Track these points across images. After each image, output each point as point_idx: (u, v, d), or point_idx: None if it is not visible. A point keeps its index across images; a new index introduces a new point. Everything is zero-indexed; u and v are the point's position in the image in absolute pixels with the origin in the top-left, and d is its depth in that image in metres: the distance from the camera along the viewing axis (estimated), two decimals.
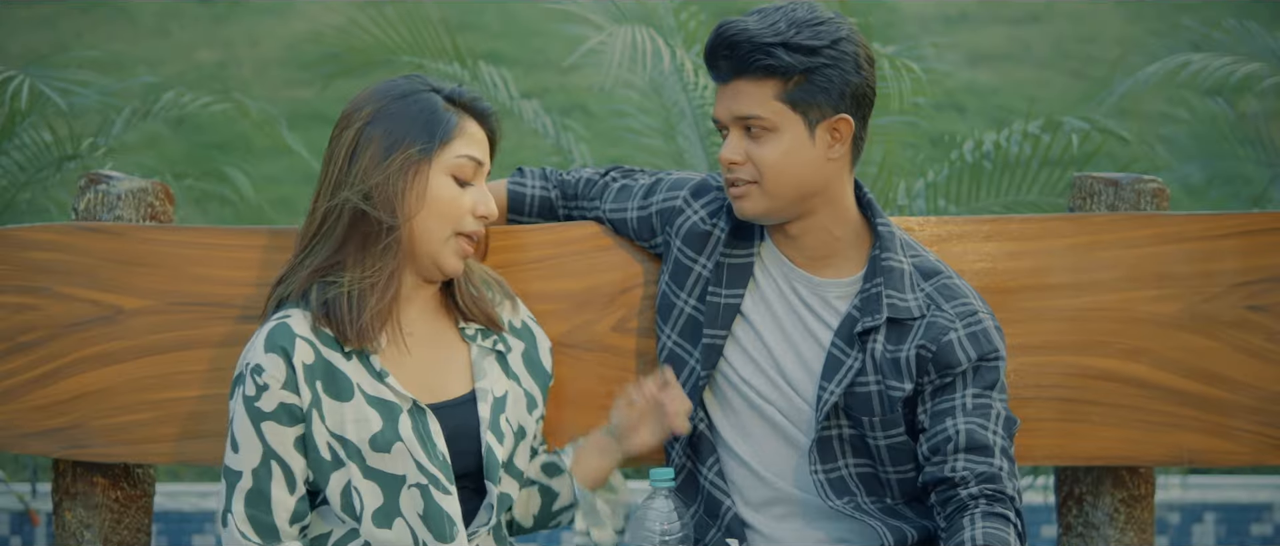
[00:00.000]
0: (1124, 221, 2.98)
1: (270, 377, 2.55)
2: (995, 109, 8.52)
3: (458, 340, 2.70)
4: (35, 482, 5.59)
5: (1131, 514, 3.06)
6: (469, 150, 2.62)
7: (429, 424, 2.60)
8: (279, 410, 2.55)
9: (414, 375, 2.64)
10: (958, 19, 9.52)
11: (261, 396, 2.55)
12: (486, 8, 9.34)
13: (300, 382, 2.55)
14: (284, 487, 2.56)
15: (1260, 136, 5.57)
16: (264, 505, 2.56)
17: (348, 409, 2.57)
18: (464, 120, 2.63)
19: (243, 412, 2.56)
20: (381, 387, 2.59)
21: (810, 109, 2.67)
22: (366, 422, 2.56)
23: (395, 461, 2.57)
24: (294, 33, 8.95)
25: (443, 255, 2.62)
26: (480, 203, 2.63)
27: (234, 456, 2.57)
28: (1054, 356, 2.96)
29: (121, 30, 9.08)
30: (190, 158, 7.72)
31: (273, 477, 2.56)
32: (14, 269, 2.91)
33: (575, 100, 8.32)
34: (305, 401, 2.56)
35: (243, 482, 2.56)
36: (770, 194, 2.69)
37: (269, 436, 2.56)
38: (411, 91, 2.62)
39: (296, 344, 2.56)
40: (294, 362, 2.55)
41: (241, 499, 2.56)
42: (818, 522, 2.79)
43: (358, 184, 2.58)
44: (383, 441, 2.56)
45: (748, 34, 2.64)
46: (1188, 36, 5.71)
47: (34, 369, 2.91)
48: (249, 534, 2.55)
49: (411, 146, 2.59)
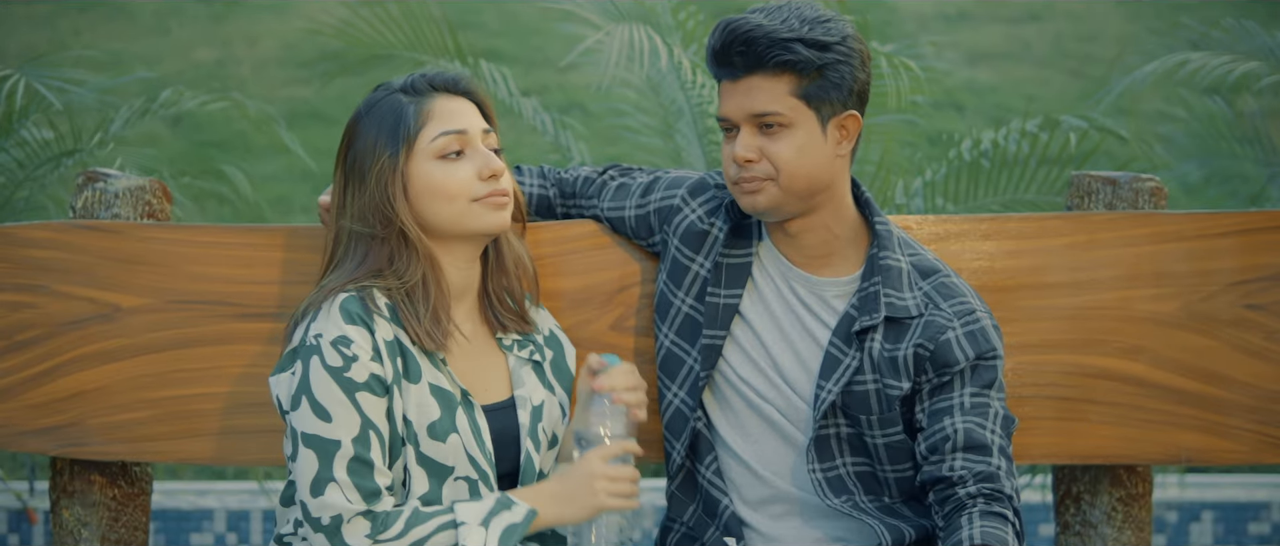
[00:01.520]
0: (1122, 220, 2.98)
1: (358, 348, 2.55)
2: (993, 107, 8.52)
3: (496, 348, 2.71)
4: (33, 481, 5.59)
5: (1129, 512, 3.06)
6: (443, 127, 2.62)
7: (478, 419, 2.62)
8: (372, 380, 2.55)
9: (461, 375, 2.65)
10: (956, 17, 9.52)
11: (351, 367, 2.55)
12: (486, 6, 9.34)
13: (384, 356, 2.57)
14: (383, 457, 2.56)
15: (1258, 135, 5.57)
16: (367, 473, 2.54)
17: (415, 391, 2.58)
18: (429, 103, 2.63)
19: (332, 384, 2.54)
20: (440, 376, 2.61)
21: (823, 105, 2.67)
22: (427, 408, 2.58)
23: (448, 452, 2.58)
24: (293, 31, 8.95)
25: (472, 224, 2.62)
26: (482, 166, 2.63)
27: (328, 426, 2.54)
28: (1052, 355, 2.97)
29: (120, 28, 9.08)
30: (188, 156, 7.71)
31: (371, 447, 2.55)
32: (11, 267, 2.91)
33: (574, 99, 8.32)
34: (389, 374, 2.57)
35: (343, 451, 2.53)
36: (786, 189, 2.69)
37: (365, 406, 2.55)
38: (375, 103, 2.65)
39: (375, 319, 2.57)
40: (376, 337, 2.56)
41: (343, 467, 2.53)
42: (816, 521, 2.79)
43: (352, 211, 2.62)
44: (440, 430, 2.58)
45: (763, 29, 2.64)
46: (1186, 35, 5.71)
47: (31, 367, 2.91)
48: (353, 497, 2.53)
49: (380, 156, 2.60)
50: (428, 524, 2.54)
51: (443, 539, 2.54)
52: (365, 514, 2.53)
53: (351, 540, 2.52)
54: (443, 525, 2.54)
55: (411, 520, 2.54)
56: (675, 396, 2.82)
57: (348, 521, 2.52)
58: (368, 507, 2.53)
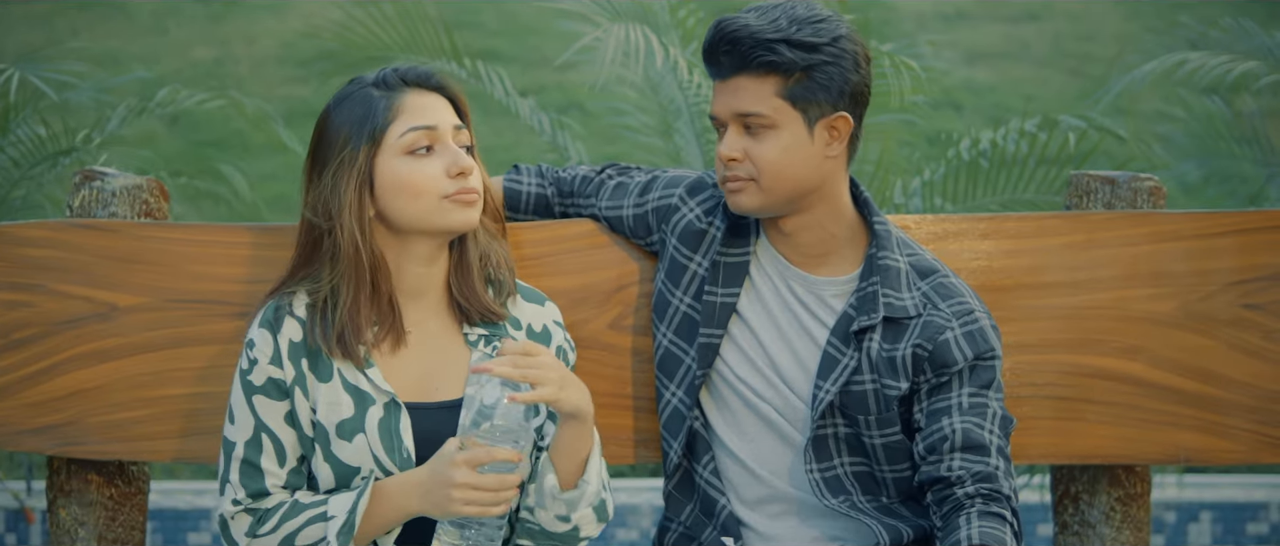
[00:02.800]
0: (1120, 220, 2.98)
1: (259, 352, 2.61)
2: (992, 107, 8.53)
3: (460, 344, 2.69)
4: (30, 480, 5.59)
5: (1127, 512, 3.06)
6: (414, 121, 2.61)
7: (401, 421, 2.60)
8: (268, 384, 2.61)
9: (406, 373, 2.64)
10: (955, 17, 9.53)
11: (253, 370, 2.61)
12: (482, 6, 9.34)
13: (284, 358, 2.61)
14: (274, 460, 2.61)
15: (1257, 135, 5.58)
16: (256, 476, 2.61)
17: (325, 389, 2.60)
18: (401, 97, 2.62)
19: (237, 386, 2.63)
20: (361, 377, 2.61)
21: (810, 106, 2.66)
22: (338, 407, 2.60)
23: (353, 452, 2.59)
24: (290, 30, 8.95)
25: (440, 221, 2.61)
26: (451, 163, 2.61)
27: (230, 427, 2.63)
28: (1050, 355, 2.96)
29: (118, 27, 9.08)
30: (186, 155, 7.71)
31: (263, 451, 2.61)
32: (8, 265, 2.91)
33: (572, 98, 8.32)
34: (289, 377, 2.60)
35: (237, 452, 2.62)
36: (766, 190, 2.69)
37: (260, 409, 2.61)
38: (345, 97, 2.64)
39: (286, 322, 2.62)
40: (279, 339, 2.60)
41: (237, 467, 2.62)
42: (813, 521, 2.78)
43: (308, 199, 2.63)
44: (348, 429, 2.59)
45: (749, 30, 2.64)
46: (1185, 35, 5.71)
47: (28, 366, 2.91)
48: (241, 495, 2.60)
49: (344, 150, 2.60)
50: (299, 517, 2.58)
51: (313, 531, 2.57)
52: (248, 510, 2.60)
53: (237, 536, 2.61)
54: (313, 518, 2.57)
55: (285, 514, 2.59)
56: (673, 395, 2.82)
57: (232, 519, 2.61)
58: (251, 505, 2.60)
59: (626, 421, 2.93)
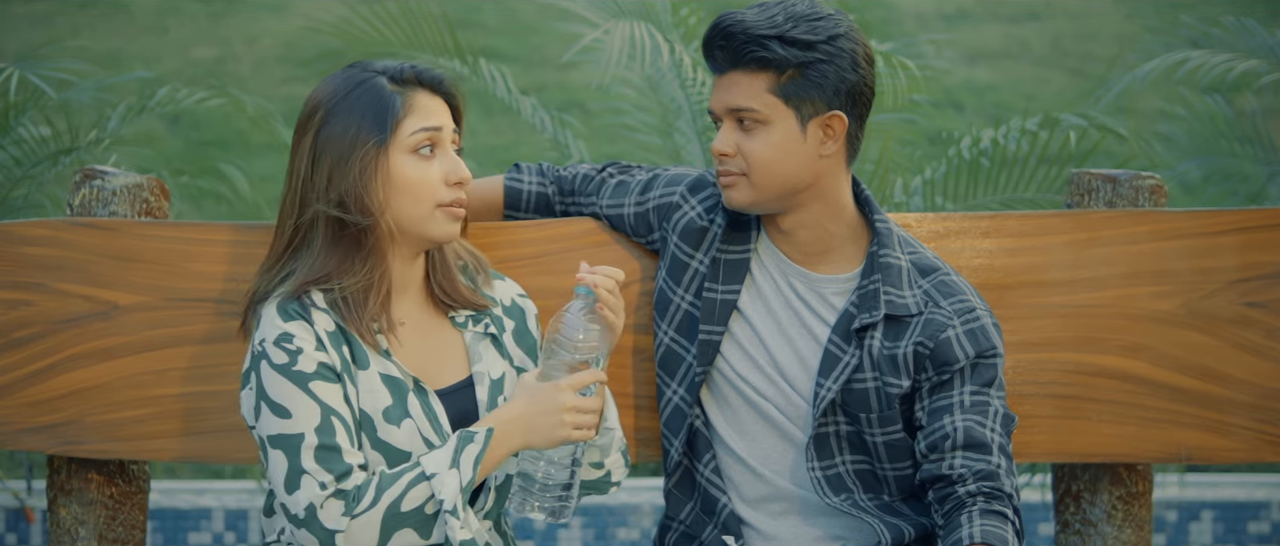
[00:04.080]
0: (1122, 218, 2.98)
1: (301, 341, 2.55)
2: (993, 106, 8.52)
3: (450, 328, 2.69)
4: (30, 479, 5.59)
5: (1129, 511, 3.05)
6: (422, 123, 2.60)
7: (433, 404, 2.60)
8: (321, 369, 2.54)
9: (412, 362, 2.64)
10: (956, 16, 9.52)
11: (297, 360, 2.54)
12: (484, 4, 9.34)
13: (328, 345, 2.56)
14: (348, 439, 2.54)
15: (1258, 133, 5.57)
16: (336, 458, 2.52)
17: (365, 377, 2.58)
18: (412, 95, 2.61)
19: (283, 381, 2.53)
20: (389, 365, 2.60)
21: (803, 104, 2.66)
22: (379, 394, 2.57)
23: (404, 437, 2.57)
24: (291, 29, 8.95)
25: (430, 230, 2.61)
26: (450, 171, 2.61)
27: (286, 422, 2.52)
28: (1051, 353, 2.96)
29: (119, 26, 9.07)
30: (186, 154, 7.71)
31: (335, 431, 2.53)
32: (8, 264, 2.91)
33: (573, 97, 8.32)
34: (338, 362, 2.56)
35: (308, 442, 2.51)
36: (757, 186, 2.69)
37: (321, 394, 2.53)
38: (357, 83, 2.61)
39: (313, 313, 2.57)
40: (316, 328, 2.56)
41: (310, 456, 2.51)
42: (815, 519, 2.78)
43: (328, 193, 2.58)
44: (395, 415, 2.57)
45: (743, 26, 2.64)
46: (1186, 33, 5.70)
47: (28, 365, 2.91)
48: (326, 480, 2.50)
49: (366, 141, 2.57)
50: (397, 483, 2.51)
51: (418, 493, 2.51)
52: (336, 494, 2.50)
53: (329, 523, 2.50)
54: (413, 481, 2.51)
55: (381, 485, 2.51)
56: (674, 393, 2.82)
57: (321, 507, 2.50)
58: (339, 487, 2.51)
59: (627, 420, 2.93)
